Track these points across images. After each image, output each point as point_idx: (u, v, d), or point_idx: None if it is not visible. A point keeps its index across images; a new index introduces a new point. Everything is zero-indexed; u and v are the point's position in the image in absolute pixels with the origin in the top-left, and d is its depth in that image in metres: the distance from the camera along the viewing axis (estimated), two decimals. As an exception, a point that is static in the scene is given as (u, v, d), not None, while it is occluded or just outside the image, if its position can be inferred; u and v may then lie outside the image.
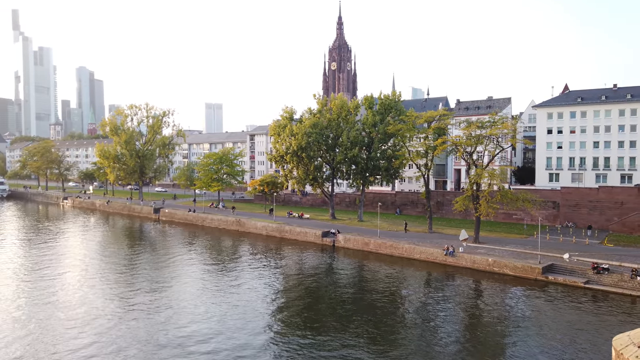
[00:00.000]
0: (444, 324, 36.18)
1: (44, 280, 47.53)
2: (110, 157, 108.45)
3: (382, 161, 76.08)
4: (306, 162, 76.55)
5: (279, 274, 52.01)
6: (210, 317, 36.61)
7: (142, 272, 51.51)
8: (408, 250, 57.75)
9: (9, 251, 63.45)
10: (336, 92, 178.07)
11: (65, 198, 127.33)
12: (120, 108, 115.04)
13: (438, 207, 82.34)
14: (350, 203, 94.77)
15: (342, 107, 77.80)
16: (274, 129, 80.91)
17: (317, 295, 44.54)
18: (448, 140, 62.73)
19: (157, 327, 34.48)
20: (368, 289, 46.30)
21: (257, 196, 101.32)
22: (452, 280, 48.74)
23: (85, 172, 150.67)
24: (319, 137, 75.56)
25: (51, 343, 31.40)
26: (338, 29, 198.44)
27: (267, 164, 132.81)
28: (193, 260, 58.01)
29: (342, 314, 38.12)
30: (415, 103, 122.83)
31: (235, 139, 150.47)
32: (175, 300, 41.11)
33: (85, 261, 57.10)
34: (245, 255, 61.78)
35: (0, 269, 52.57)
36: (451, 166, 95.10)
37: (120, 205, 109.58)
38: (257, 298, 41.84)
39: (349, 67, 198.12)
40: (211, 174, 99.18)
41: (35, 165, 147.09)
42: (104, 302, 40.32)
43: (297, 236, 70.59)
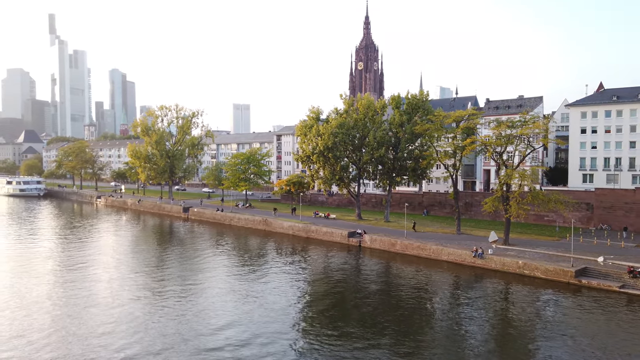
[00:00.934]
0: (471, 328, 35.61)
1: (79, 277, 49.11)
2: (141, 157, 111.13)
3: (409, 161, 75.41)
4: (332, 162, 76.59)
5: (305, 273, 52.24)
6: (237, 315, 37.07)
7: (171, 270, 52.62)
8: (435, 252, 57.08)
9: (46, 248, 65.81)
10: (363, 92, 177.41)
11: (99, 197, 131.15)
12: (151, 109, 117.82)
13: (466, 208, 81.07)
14: (376, 203, 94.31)
15: (368, 107, 77.51)
16: (301, 129, 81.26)
17: (343, 295, 44.53)
18: (477, 140, 61.65)
19: (186, 324, 35.15)
20: (394, 290, 46.00)
21: (284, 196, 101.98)
22: (481, 283, 47.92)
23: (118, 172, 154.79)
24: (345, 137, 75.47)
25: (86, 339, 32.40)
26: (365, 28, 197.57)
27: (293, 164, 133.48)
28: (221, 259, 58.87)
29: (368, 314, 38.00)
30: (444, 102, 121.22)
31: (262, 139, 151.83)
32: (203, 297, 41.82)
33: (118, 259, 58.72)
34: (272, 255, 62.30)
35: (38, 265, 54.59)
36: (480, 166, 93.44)
37: (151, 204, 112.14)
38: (283, 297, 42.15)
39: (375, 66, 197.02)
40: (239, 174, 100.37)
41: (70, 165, 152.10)
42: (136, 299, 41.37)
43: (323, 236, 70.72)
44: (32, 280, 47.52)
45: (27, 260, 57.02)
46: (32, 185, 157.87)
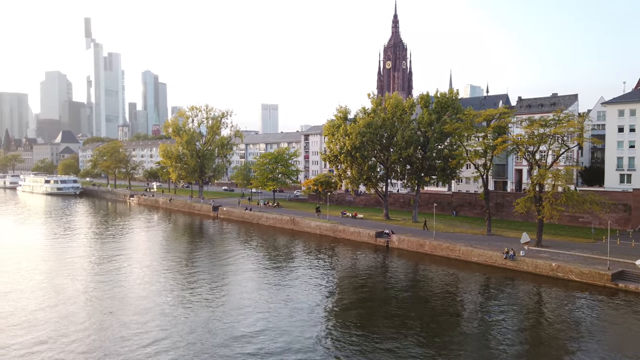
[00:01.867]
0: (502, 330, 34.88)
1: (113, 273, 50.60)
2: (172, 156, 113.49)
3: (438, 161, 74.46)
4: (360, 162, 76.35)
5: (332, 273, 52.30)
6: (266, 313, 37.43)
7: (201, 268, 53.57)
8: (465, 253, 56.19)
9: (82, 245, 68.07)
10: (391, 91, 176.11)
11: (132, 196, 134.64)
12: (182, 110, 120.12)
13: (497, 208, 79.46)
14: (404, 203, 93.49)
15: (397, 106, 76.91)
16: (328, 129, 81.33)
17: (370, 295, 44.37)
18: (509, 140, 60.34)
19: (215, 321, 35.73)
20: (422, 291, 45.52)
21: (311, 195, 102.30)
22: (512, 285, 46.89)
23: (150, 171, 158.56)
24: (373, 136, 75.10)
25: (119, 335, 33.35)
26: (393, 27, 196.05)
27: (321, 164, 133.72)
28: (249, 257, 59.56)
29: (395, 315, 37.75)
30: (474, 101, 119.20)
31: (290, 139, 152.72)
32: (232, 295, 42.42)
33: (150, 256, 60.19)
34: (299, 254, 62.62)
35: (74, 261, 56.52)
36: (512, 166, 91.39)
37: (182, 203, 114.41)
38: (311, 295, 42.32)
39: (404, 65, 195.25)
40: (267, 174, 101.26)
41: (105, 164, 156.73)
42: (166, 295, 42.32)
43: (350, 236, 70.62)
44: (69, 275, 49.21)
45: (64, 256, 59.12)
46: (69, 184, 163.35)
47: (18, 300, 40.30)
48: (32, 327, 34.11)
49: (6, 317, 36.15)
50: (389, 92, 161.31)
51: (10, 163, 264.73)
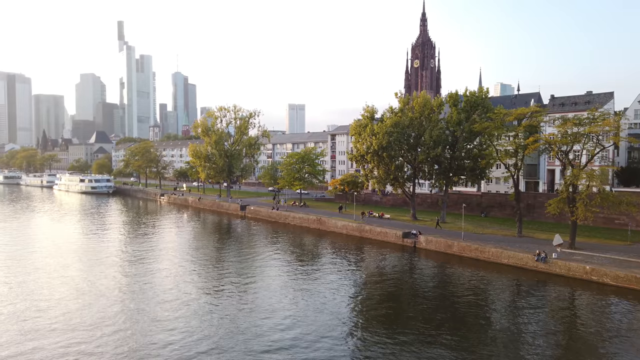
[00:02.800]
0: (533, 335, 34.04)
1: (144, 270, 51.87)
2: (201, 156, 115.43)
3: (467, 161, 73.23)
4: (387, 162, 75.83)
5: (359, 273, 52.14)
6: (292, 312, 37.63)
7: (229, 266, 54.28)
8: (495, 255, 55.09)
9: (115, 242, 70.01)
10: (419, 90, 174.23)
11: (162, 195, 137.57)
12: (210, 110, 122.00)
13: (528, 209, 77.56)
14: (432, 204, 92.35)
15: (424, 105, 76.04)
16: (355, 129, 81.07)
17: (397, 296, 44.03)
18: (541, 139, 58.83)
19: (242, 319, 36.16)
20: (450, 293, 44.87)
21: (338, 195, 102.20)
22: (544, 288, 45.70)
23: (180, 171, 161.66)
24: (400, 136, 74.48)
25: (149, 331, 34.16)
26: (421, 25, 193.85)
27: (347, 164, 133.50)
28: (276, 256, 60.00)
29: (422, 316, 37.36)
30: (504, 100, 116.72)
31: (316, 139, 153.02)
32: (259, 293, 42.82)
33: (179, 254, 61.40)
34: (326, 254, 62.69)
35: (107, 258, 58.19)
36: (544, 166, 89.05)
37: (210, 202, 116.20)
38: (337, 295, 42.30)
39: (432, 64, 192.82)
40: (293, 173, 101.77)
41: (137, 164, 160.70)
42: (196, 293, 43.06)
43: (377, 236, 70.25)
44: (103, 272, 50.68)
45: (98, 253, 60.96)
46: (102, 183, 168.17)
47: (54, 295, 41.77)
48: (66, 320, 35.28)
49: (43, 310, 37.51)
50: (417, 91, 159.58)
51: (47, 163, 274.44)
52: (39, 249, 63.93)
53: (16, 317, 36.08)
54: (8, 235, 75.87)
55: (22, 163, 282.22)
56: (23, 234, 77.22)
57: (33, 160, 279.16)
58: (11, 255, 59.39)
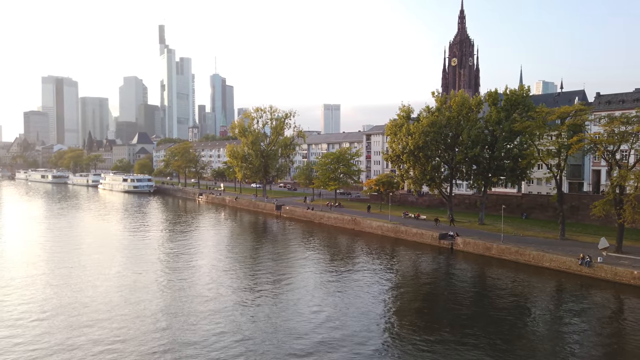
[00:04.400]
0: (576, 341, 32.77)
1: (182, 267, 53.26)
2: (238, 157, 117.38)
3: (506, 161, 71.24)
4: (423, 162, 74.78)
5: (394, 274, 51.69)
6: (326, 312, 37.69)
7: (265, 265, 54.97)
8: (536, 258, 53.37)
9: (155, 240, 72.19)
10: (456, 88, 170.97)
11: (201, 194, 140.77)
12: (247, 111, 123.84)
13: (572, 211, 74.69)
14: (470, 205, 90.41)
15: (462, 104, 74.54)
16: (391, 129, 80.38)
17: (433, 299, 43.39)
18: (585, 138, 56.55)
19: (276, 316, 36.55)
20: (489, 296, 43.82)
21: (373, 196, 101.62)
22: (588, 293, 43.92)
23: (217, 171, 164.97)
24: (437, 136, 73.30)
25: (189, 329, 35.04)
26: (459, 23, 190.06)
27: (383, 164, 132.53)
28: (311, 255, 60.29)
29: (458, 320, 36.64)
30: (546, 98, 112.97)
31: (351, 139, 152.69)
32: (293, 292, 43.13)
33: (217, 252, 62.69)
34: (360, 254, 62.48)
35: (147, 256, 60.10)
36: (588, 166, 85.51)
37: (247, 201, 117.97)
38: (372, 296, 42.09)
39: (470, 62, 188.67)
40: (329, 174, 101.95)
41: (176, 164, 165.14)
42: (232, 291, 43.85)
43: (413, 237, 69.42)
44: (144, 267, 52.37)
45: (140, 250, 63.08)
46: (144, 182, 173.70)
47: (98, 290, 43.49)
48: (109, 315, 36.68)
49: (87, 305, 39.13)
50: (455, 90, 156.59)
51: (92, 163, 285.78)
52: (85, 245, 66.74)
53: (62, 309, 37.77)
54: (57, 232, 79.58)
55: (69, 163, 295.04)
56: (70, 231, 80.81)
57: (79, 161, 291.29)
58: (59, 251, 62.25)
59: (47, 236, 74.62)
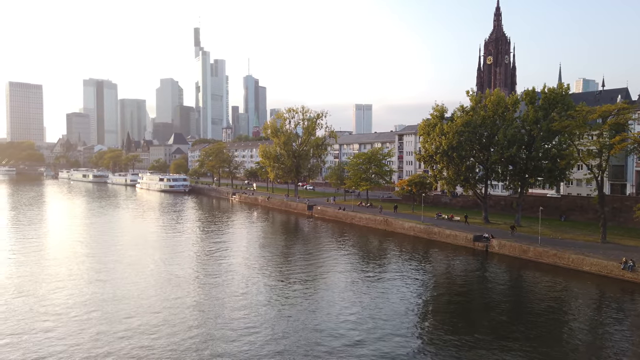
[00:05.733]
0: (617, 349, 31.51)
1: (215, 265, 54.26)
2: (270, 157, 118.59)
3: (544, 161, 69.15)
4: (457, 162, 73.52)
5: (426, 275, 51.04)
6: (357, 314, 37.61)
7: (296, 264, 55.31)
8: (575, 262, 51.60)
9: (189, 238, 73.85)
10: (492, 87, 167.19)
11: (234, 194, 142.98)
12: (279, 112, 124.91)
13: (614, 214, 71.79)
14: (505, 206, 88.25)
15: (498, 103, 72.85)
16: (424, 128, 79.41)
17: (467, 302, 42.59)
18: (629, 138, 54.28)
19: (307, 317, 36.75)
20: (526, 301, 42.69)
21: (405, 196, 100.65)
22: (631, 299, 42.16)
23: (250, 171, 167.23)
24: (472, 135, 71.92)
25: (222, 327, 35.68)
26: (495, 20, 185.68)
27: (415, 164, 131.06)
28: (342, 255, 60.28)
29: (493, 324, 35.85)
30: (587, 96, 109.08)
31: (383, 139, 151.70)
32: (325, 292, 43.23)
33: (249, 251, 63.54)
34: (392, 255, 62.01)
35: (182, 253, 61.54)
36: (632, 167, 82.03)
37: (279, 201, 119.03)
38: (402, 297, 41.70)
39: (506, 60, 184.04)
40: (360, 174, 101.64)
41: (211, 164, 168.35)
42: (263, 289, 44.37)
43: (446, 239, 68.36)
44: (178, 264, 53.65)
45: (174, 247, 64.64)
46: (179, 182, 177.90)
47: (136, 285, 44.87)
48: (143, 309, 37.78)
49: (120, 300, 40.45)
50: (490, 88, 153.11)
51: (130, 163, 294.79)
52: (124, 242, 68.96)
53: (99, 303, 39.17)
54: (97, 229, 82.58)
55: (109, 163, 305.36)
56: (110, 229, 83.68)
57: (118, 160, 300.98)
58: (100, 248, 64.54)
59: (88, 234, 77.49)
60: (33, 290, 42.88)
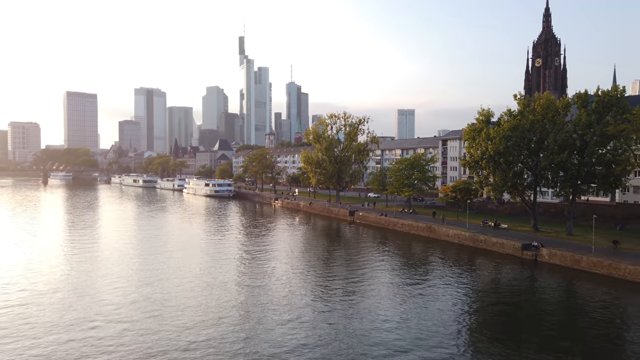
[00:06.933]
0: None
1: (258, 269, 55.04)
2: (312, 162, 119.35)
3: (598, 167, 65.89)
4: (504, 168, 71.31)
5: (472, 284, 49.67)
6: (398, 321, 37.10)
7: (338, 270, 55.27)
8: (633, 273, 48.75)
9: (233, 241, 75.40)
10: (541, 90, 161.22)
11: (276, 199, 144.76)
12: (321, 118, 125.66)
13: (677, 223, 67.30)
14: (556, 214, 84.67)
15: (548, 106, 70.20)
16: (469, 133, 77.59)
17: (515, 314, 41.05)
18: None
19: (349, 324, 36.57)
20: (578, 314, 40.72)
21: (449, 203, 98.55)
22: (697, 315, 39.31)
23: (292, 176, 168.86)
24: (519, 140, 69.60)
25: (265, 331, 36.11)
26: (544, 21, 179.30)
27: (460, 170, 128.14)
28: (384, 262, 59.68)
29: (543, 340, 34.33)
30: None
31: (426, 145, 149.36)
32: (367, 299, 42.91)
33: (291, 256, 64.03)
34: (436, 263, 60.81)
35: (226, 257, 62.84)
36: (697, 174, 76.71)
37: (320, 207, 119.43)
38: (447, 306, 40.76)
39: (556, 62, 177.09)
40: (402, 179, 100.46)
41: (254, 169, 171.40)
42: (305, 294, 44.57)
43: (492, 247, 66.33)
44: (222, 267, 54.82)
45: (219, 251, 66.18)
46: (224, 187, 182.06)
47: (181, 286, 46.21)
48: (189, 308, 38.79)
49: (167, 300, 41.72)
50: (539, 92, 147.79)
51: (178, 168, 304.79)
52: (171, 245, 71.25)
53: (148, 303, 40.57)
54: (147, 232, 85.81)
55: (157, 168, 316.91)
56: (158, 232, 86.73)
57: (167, 166, 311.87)
58: (148, 250, 66.96)
59: (138, 237, 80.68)
60: (88, 290, 45.02)
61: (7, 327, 34.85)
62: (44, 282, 47.56)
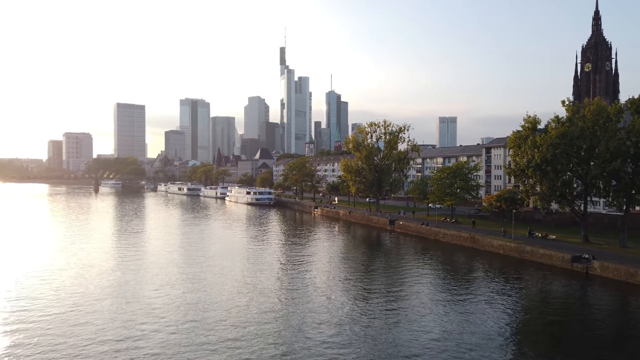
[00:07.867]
0: None
1: (298, 277, 55.32)
2: (352, 171, 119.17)
3: (655, 176, 62.35)
4: (552, 177, 68.68)
5: (518, 298, 47.94)
6: (440, 333, 36.31)
7: (377, 279, 54.80)
8: (695, 289, 45.66)
9: (273, 249, 76.18)
10: (591, 96, 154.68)
11: (316, 207, 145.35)
12: (361, 126, 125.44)
13: None
14: (608, 225, 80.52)
15: (599, 112, 67.26)
16: (514, 141, 75.35)
17: (564, 329, 39.29)
18: None
19: (390, 336, 36.13)
20: (633, 331, 38.47)
21: (493, 212, 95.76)
22: None
23: (332, 185, 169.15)
24: (568, 148, 66.93)
25: (304, 341, 36.20)
26: (594, 24, 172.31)
27: (504, 179, 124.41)
28: (425, 272, 58.62)
29: (596, 355, 32.68)
30: None
31: (469, 153, 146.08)
32: (407, 310, 42.26)
33: (331, 264, 64.01)
34: (479, 274, 59.17)
35: (266, 264, 63.57)
36: None
37: (360, 215, 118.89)
38: (491, 319, 39.49)
39: (607, 66, 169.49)
40: (444, 188, 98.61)
41: (294, 178, 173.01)
42: (345, 304, 44.37)
43: (540, 259, 63.85)
44: (263, 274, 55.47)
45: (260, 258, 67.10)
46: (265, 195, 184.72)
47: (223, 292, 47.10)
48: (232, 314, 39.44)
49: (210, 305, 42.56)
50: (589, 97, 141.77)
51: (220, 177, 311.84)
52: (214, 251, 72.83)
53: (192, 308, 41.59)
54: (191, 239, 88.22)
55: (201, 177, 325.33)
56: (202, 238, 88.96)
57: (210, 175, 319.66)
58: (192, 255, 68.74)
59: (183, 243, 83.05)
60: (136, 295, 46.68)
61: (58, 332, 36.59)
62: (94, 286, 49.79)
